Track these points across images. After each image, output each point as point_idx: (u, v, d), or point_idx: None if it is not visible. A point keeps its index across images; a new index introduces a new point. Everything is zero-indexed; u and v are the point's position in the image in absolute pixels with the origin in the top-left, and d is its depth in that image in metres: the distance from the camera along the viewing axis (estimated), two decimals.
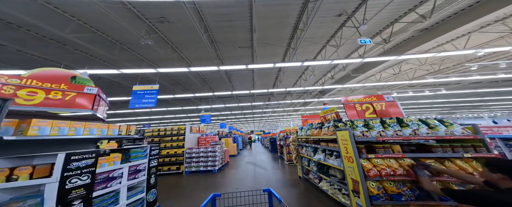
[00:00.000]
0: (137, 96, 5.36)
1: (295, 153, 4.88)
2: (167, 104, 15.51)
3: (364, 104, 2.51)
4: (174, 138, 6.41)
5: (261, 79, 11.76)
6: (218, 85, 12.36)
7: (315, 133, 3.38)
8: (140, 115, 19.80)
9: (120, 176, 2.01)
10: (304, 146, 4.43)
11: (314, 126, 3.57)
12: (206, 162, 6.25)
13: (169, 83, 11.24)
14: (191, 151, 6.25)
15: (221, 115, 21.39)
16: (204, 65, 6.80)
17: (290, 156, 7.44)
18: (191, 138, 7.04)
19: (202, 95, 10.69)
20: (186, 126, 6.52)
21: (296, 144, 4.90)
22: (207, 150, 6.35)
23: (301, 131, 4.48)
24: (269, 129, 40.95)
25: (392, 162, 1.78)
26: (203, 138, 7.58)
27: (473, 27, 6.21)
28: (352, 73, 10.24)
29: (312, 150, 3.69)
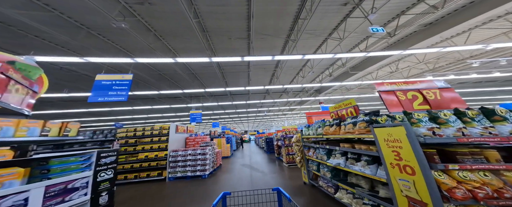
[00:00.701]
0: (101, 88, 4.25)
1: (299, 155, 4.18)
2: (152, 102, 14.12)
3: (409, 91, 1.84)
4: (155, 139, 5.37)
5: (256, 76, 11.00)
6: (210, 82, 11.37)
7: (331, 132, 2.68)
8: (121, 114, 17.98)
9: (23, 204, 1.12)
10: (312, 147, 3.73)
11: (328, 123, 2.87)
12: (195, 166, 5.32)
13: (154, 78, 10.03)
14: (176, 154, 5.28)
15: (214, 114, 20.27)
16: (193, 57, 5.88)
17: (290, 158, 6.75)
18: (177, 138, 6.05)
19: (192, 91, 9.62)
20: (170, 125, 5.53)
21: (301, 144, 4.20)
22: (196, 152, 5.43)
23: (308, 129, 3.78)
24: (264, 129, 40.36)
25: (490, 177, 1.12)
26: (192, 138, 6.62)
27: (477, 23, 6.01)
28: (350, 70, 9.86)
29: (325, 152, 2.99)
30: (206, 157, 5.51)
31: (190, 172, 5.30)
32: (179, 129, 6.12)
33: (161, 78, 10.21)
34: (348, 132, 2.19)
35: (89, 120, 19.47)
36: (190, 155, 5.40)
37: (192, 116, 10.49)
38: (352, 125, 2.15)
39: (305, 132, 3.93)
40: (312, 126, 3.58)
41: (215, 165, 6.64)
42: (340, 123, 2.57)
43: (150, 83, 10.73)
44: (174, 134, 5.72)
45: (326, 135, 2.88)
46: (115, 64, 7.96)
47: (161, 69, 9.32)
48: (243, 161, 9.02)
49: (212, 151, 6.29)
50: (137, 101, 13.76)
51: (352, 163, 2.24)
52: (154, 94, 11.80)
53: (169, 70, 9.38)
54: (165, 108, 16.31)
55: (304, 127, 4.02)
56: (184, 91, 9.55)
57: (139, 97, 12.98)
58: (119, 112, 16.89)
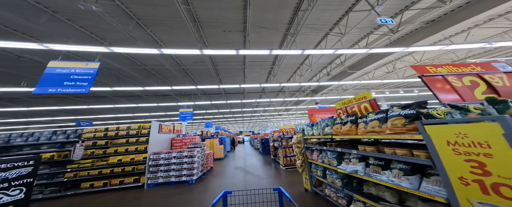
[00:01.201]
0: (55, 77, 3.40)
1: (300, 159, 3.63)
2: (139, 100, 12.99)
3: (466, 76, 1.32)
4: (132, 140, 4.57)
5: (252, 73, 10.42)
6: (202, 79, 10.63)
7: (344, 131, 2.15)
8: (103, 113, 16.52)
9: None
10: (316, 149, 3.20)
11: (339, 120, 2.34)
12: (180, 170, 4.61)
13: (139, 73, 9.11)
14: (157, 157, 4.53)
15: (207, 113, 19.40)
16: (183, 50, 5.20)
17: (287, 160, 6.21)
18: (161, 139, 5.27)
19: (182, 88, 8.83)
20: (152, 123, 4.75)
21: (302, 146, 3.66)
22: (182, 155, 4.72)
23: (312, 128, 3.24)
24: (259, 130, 39.80)
25: None
26: (179, 139, 5.88)
27: (478, 21, 5.85)
28: (348, 69, 9.57)
29: (335, 156, 2.45)
30: (194, 159, 4.81)
31: (175, 177, 4.58)
32: (164, 128, 5.36)
33: (148, 74, 9.33)
34: (372, 131, 1.67)
35: (65, 119, 17.83)
36: (175, 158, 4.68)
37: (181, 114, 9.67)
38: (377, 122, 1.62)
39: (308, 131, 3.39)
40: (317, 124, 3.04)
41: (205, 168, 5.94)
42: (357, 120, 2.04)
43: (134, 79, 9.78)
44: (157, 134, 4.96)
45: (336, 135, 2.34)
46: (86, 54, 6.97)
47: (148, 64, 8.46)
48: (237, 163, 8.37)
49: (202, 153, 5.59)
50: (121, 99, 12.59)
51: (376, 170, 1.71)
52: (139, 91, 10.76)
53: (156, 65, 8.54)
54: (152, 107, 15.20)
55: (306, 125, 3.48)
56: (173, 88, 8.72)
57: (123, 94, 11.88)
58: (99, 111, 15.46)
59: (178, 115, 9.50)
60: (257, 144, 14.56)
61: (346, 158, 2.21)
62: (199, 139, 6.30)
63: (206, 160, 6.04)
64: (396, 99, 17.30)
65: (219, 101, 12.72)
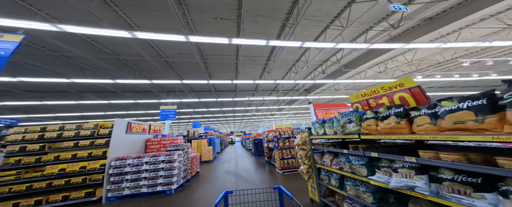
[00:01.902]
0: None
1: (305, 163, 2.93)
2: (112, 96, 11.18)
3: None
4: (84, 142, 3.39)
5: (246, 69, 9.61)
6: (189, 73, 9.50)
7: (384, 129, 1.48)
8: (63, 110, 13.84)
9: None
10: (330, 152, 2.52)
11: (372, 114, 1.66)
12: (155, 178, 3.61)
13: (110, 63, 7.67)
14: (122, 163, 3.46)
15: (195, 112, 17.99)
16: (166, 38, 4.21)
17: (285, 163, 5.51)
18: (130, 141, 4.14)
19: (164, 83, 7.64)
20: (115, 121, 3.59)
21: (308, 148, 2.97)
22: (157, 159, 3.71)
23: (322, 126, 2.56)
24: (251, 130, 38.96)
25: None
26: (156, 140, 4.81)
27: (473, 20, 5.84)
28: (344, 68, 9.31)
29: (363, 163, 1.77)
30: (174, 165, 3.83)
31: (147, 187, 3.55)
32: (135, 127, 4.22)
33: (122, 65, 7.93)
34: (459, 128, 1.00)
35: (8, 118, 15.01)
36: (148, 164, 3.66)
37: (163, 112, 8.38)
38: (470, 114, 0.96)
39: (317, 130, 2.70)
40: (330, 121, 2.36)
41: (189, 174, 4.95)
42: (409, 114, 1.38)
43: (104, 71, 8.26)
44: (123, 135, 3.85)
45: (368, 134, 1.66)
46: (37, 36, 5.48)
47: (121, 53, 7.12)
48: (228, 167, 7.45)
49: (185, 157, 4.61)
50: (88, 95, 10.63)
51: (458, 191, 1.04)
52: (107, 84, 9.12)
53: (132, 55, 7.24)
54: (129, 104, 13.35)
55: (315, 123, 2.80)
56: (153, 82, 7.48)
57: (91, 89, 10.04)
58: (57, 108, 12.90)
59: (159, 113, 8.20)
60: (249, 144, 13.73)
61: (385, 166, 1.54)
62: (182, 140, 5.29)
63: (190, 164, 5.06)
64: None
65: (209, 99, 11.64)
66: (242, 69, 9.61)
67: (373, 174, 1.67)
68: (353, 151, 1.90)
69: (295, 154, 5.52)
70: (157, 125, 5.33)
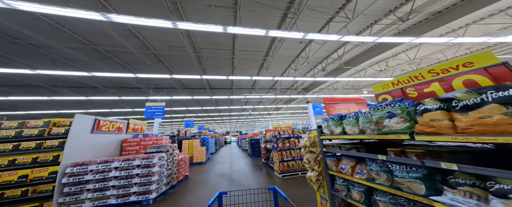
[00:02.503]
0: None
1: (315, 169, 2.32)
2: (92, 92, 10.02)
3: None
4: (27, 144, 2.53)
5: (243, 65, 8.93)
6: (181, 68, 8.70)
7: (479, 124, 0.86)
8: (34, 107, 12.26)
9: None
10: (350, 157, 1.91)
11: (438, 104, 1.05)
12: (127, 187, 2.87)
13: (87, 55, 6.74)
14: (82, 170, 2.68)
15: (188, 111, 17.05)
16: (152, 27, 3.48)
17: (284, 166, 4.89)
18: (98, 142, 3.35)
19: (151, 77, 6.82)
20: (75, 118, 2.75)
21: (319, 151, 2.35)
22: (131, 164, 2.98)
23: (339, 123, 1.96)
24: (247, 130, 38.25)
25: None
26: (135, 141, 4.03)
27: (483, 14, 5.49)
28: (344, 65, 8.86)
29: (417, 176, 1.16)
30: (153, 170, 3.10)
31: (116, 197, 2.81)
32: (105, 126, 3.39)
33: (102, 56, 7.01)
34: None
35: None
36: (118, 169, 2.91)
37: (148, 109, 7.48)
38: None
39: (331, 128, 2.09)
40: (356, 116, 1.75)
41: (175, 179, 4.21)
42: None
43: (80, 63, 7.28)
44: (88, 134, 3.04)
45: (432, 133, 1.05)
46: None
47: (100, 43, 6.24)
48: (221, 169, 6.74)
49: (169, 160, 3.87)
50: (63, 90, 9.47)
51: None
52: (85, 77, 8.09)
53: (113, 46, 6.37)
54: (113, 101, 12.21)
55: (328, 119, 2.18)
56: (137, 76, 6.64)
57: (68, 83, 8.92)
58: (26, 104, 11.29)
59: (145, 111, 7.31)
60: (245, 145, 13.05)
61: (468, 184, 0.93)
62: (168, 140, 4.54)
63: (176, 168, 4.32)
64: None
65: (202, 97, 10.85)
66: (238, 65, 8.93)
67: (437, 192, 1.07)
68: (398, 159, 1.29)
69: (300, 155, 4.92)
70: (138, 123, 4.54)
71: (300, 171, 4.90)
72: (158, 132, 10.13)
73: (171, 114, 18.21)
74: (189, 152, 8.15)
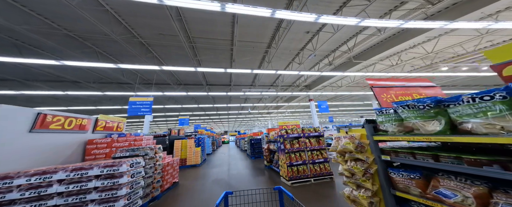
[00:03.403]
0: None
1: (366, 186, 1.45)
2: (74, 87, 8.76)
3: None
4: None
5: (242, 57, 8.04)
6: (173, 60, 7.74)
7: None
8: (6, 103, 11.35)
9: None
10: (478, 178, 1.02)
11: None
12: (80, 205, 1.93)
13: (58, 41, 5.66)
14: (4, 185, 1.74)
15: (183, 108, 15.97)
16: None
17: (294, 171, 4.02)
18: (39, 146, 2.33)
19: (135, 67, 5.82)
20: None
21: (371, 159, 1.47)
22: (85, 175, 2.03)
23: (418, 115, 1.05)
24: (245, 130, 37.31)
25: None
26: (104, 142, 3.07)
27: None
28: (354, 59, 8.08)
29: None
30: (120, 181, 2.18)
31: None
32: (55, 123, 2.32)
33: (78, 45, 5.94)
34: None
35: None
36: (64, 183, 1.97)
37: (133, 105, 6.40)
38: None
39: (398, 126, 1.20)
40: (479, 100, 0.87)
41: (159, 188, 3.29)
42: None
43: (51, 52, 6.16)
44: (25, 134, 2.05)
45: None
46: None
47: (72, 28, 5.19)
48: (218, 173, 5.81)
49: (149, 166, 2.94)
50: (36, 84, 8.10)
51: None
52: (54, 67, 6.83)
53: (91, 32, 5.32)
54: (98, 98, 10.96)
55: (397, 108, 1.30)
56: (118, 67, 5.62)
57: (42, 77, 7.70)
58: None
59: (130, 107, 6.27)
60: (244, 145, 12.13)
61: None
62: (151, 141, 3.60)
63: (161, 174, 3.39)
64: None
65: (198, 93, 9.88)
66: (238, 57, 8.02)
67: None
68: None
69: (312, 159, 4.02)
70: (114, 119, 3.58)
71: (313, 178, 4.05)
72: (148, 131, 9.11)
73: (166, 112, 17.11)
74: (182, 154, 7.19)
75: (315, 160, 4.15)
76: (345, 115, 27.76)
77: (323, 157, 4.23)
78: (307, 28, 6.48)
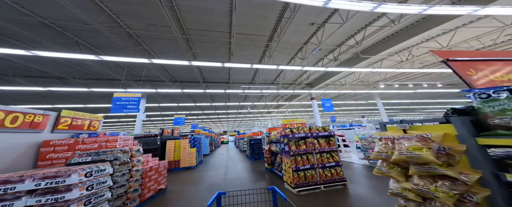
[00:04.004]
0: None
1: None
2: (60, 83, 7.96)
3: None
4: None
5: (241, 51, 7.40)
6: (166, 53, 7.07)
7: None
8: None
9: None
10: None
11: None
12: None
13: (31, 29, 4.95)
14: None
15: (179, 107, 15.23)
16: None
17: (301, 177, 3.38)
18: None
19: (120, 60, 5.13)
20: None
21: (476, 178, 0.82)
22: (12, 190, 1.37)
23: None
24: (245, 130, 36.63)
25: None
26: (64, 143, 2.39)
27: None
28: (361, 54, 7.48)
29: None
30: (67, 197, 1.51)
31: None
32: None
33: (56, 34, 5.24)
34: None
35: None
36: None
37: (117, 101, 5.69)
38: None
39: None
40: None
41: (138, 198, 2.62)
42: None
43: (22, 40, 5.39)
44: None
45: None
46: None
47: (47, 16, 4.50)
48: (214, 176, 5.15)
49: (123, 173, 2.28)
50: (16, 79, 7.21)
51: None
52: (24, 57, 6.00)
53: (70, 20, 4.61)
54: (86, 95, 10.15)
55: None
56: (101, 58, 4.92)
57: (19, 71, 6.88)
58: None
59: (116, 104, 5.57)
60: (244, 145, 11.48)
61: None
62: (130, 142, 2.93)
63: (140, 182, 2.72)
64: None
65: (194, 91, 9.22)
66: (237, 51, 7.38)
67: None
68: None
69: (322, 162, 3.35)
70: (85, 116, 2.89)
71: (323, 185, 3.42)
72: (140, 131, 8.41)
73: (161, 111, 16.38)
74: (175, 155, 6.52)
75: (325, 164, 3.51)
76: (347, 115, 27.20)
77: (334, 160, 3.59)
78: (312, 19, 5.86)
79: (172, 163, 6.30)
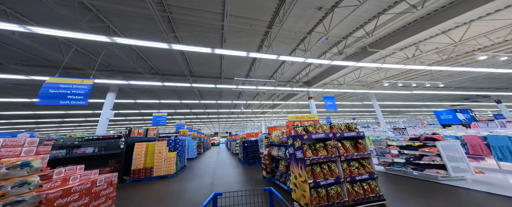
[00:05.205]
0: None
1: None
2: None
3: None
4: None
5: (235, 37, 6.25)
6: (139, 34, 5.61)
7: None
8: None
9: None
10: None
11: None
12: None
13: None
14: None
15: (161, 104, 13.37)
16: None
17: (323, 196, 2.23)
18: None
19: (62, 35, 3.57)
20: None
21: None
22: None
23: None
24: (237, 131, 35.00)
25: None
26: None
27: None
28: (369, 47, 6.77)
29: None
30: None
31: None
32: None
33: None
34: None
35: None
36: None
37: (50, 89, 3.52)
38: None
39: None
40: None
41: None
42: None
43: None
44: None
45: None
46: None
47: None
48: (195, 190, 3.76)
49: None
50: None
51: None
52: None
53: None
54: (27, 87, 8.00)
55: None
56: (31, 30, 3.38)
57: None
58: None
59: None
60: (236, 147, 10.14)
61: None
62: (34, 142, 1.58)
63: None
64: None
65: (178, 84, 7.79)
66: (230, 37, 6.21)
67: None
68: None
69: (350, 174, 2.18)
70: None
71: (354, 206, 2.31)
72: (105, 132, 6.68)
73: (143, 109, 14.34)
74: (148, 161, 5.02)
75: (355, 176, 2.44)
76: (340, 116, 27.19)
77: (367, 171, 2.54)
78: (320, 2, 4.95)
79: (141, 171, 4.80)
